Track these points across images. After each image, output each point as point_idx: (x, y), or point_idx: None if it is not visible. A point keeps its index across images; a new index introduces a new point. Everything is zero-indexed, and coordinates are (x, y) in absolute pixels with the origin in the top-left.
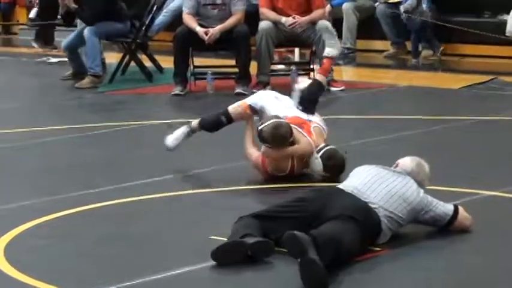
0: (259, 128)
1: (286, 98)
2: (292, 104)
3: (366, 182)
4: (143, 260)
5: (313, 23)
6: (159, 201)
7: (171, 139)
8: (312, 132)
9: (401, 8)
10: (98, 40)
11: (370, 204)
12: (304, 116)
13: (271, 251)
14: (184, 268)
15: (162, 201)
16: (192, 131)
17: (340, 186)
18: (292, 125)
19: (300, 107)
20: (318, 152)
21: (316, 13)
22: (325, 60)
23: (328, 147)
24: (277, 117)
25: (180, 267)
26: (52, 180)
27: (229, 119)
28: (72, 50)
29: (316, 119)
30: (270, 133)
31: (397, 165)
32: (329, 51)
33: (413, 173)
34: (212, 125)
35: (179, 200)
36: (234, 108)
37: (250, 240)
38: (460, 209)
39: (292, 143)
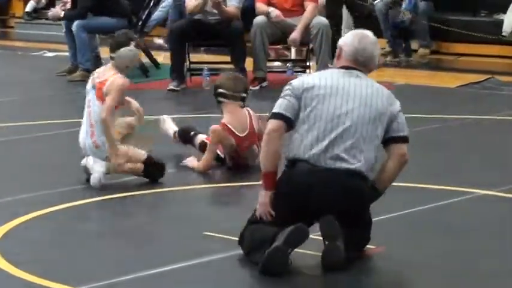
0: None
1: None
2: None
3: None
4: (137, 255)
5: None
6: (153, 196)
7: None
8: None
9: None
10: (86, 35)
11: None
12: None
13: (306, 236)
14: (179, 264)
15: (156, 196)
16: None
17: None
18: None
19: None
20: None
21: (306, 13)
22: None
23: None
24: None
25: (174, 263)
26: (46, 175)
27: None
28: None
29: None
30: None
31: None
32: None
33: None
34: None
35: (173, 196)
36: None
37: (282, 237)
38: None
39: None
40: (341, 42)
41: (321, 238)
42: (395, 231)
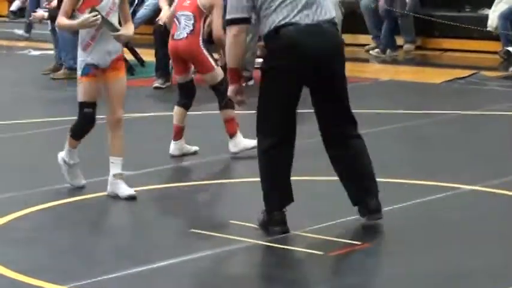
0: None
1: None
2: None
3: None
4: (125, 252)
5: None
6: (140, 193)
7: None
8: None
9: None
10: (69, 34)
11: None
12: None
13: None
14: (166, 261)
15: (142, 193)
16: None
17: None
18: None
19: None
20: None
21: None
22: None
23: None
24: None
25: (161, 260)
26: (33, 173)
27: None
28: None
29: None
30: None
31: None
32: None
33: None
34: None
35: (160, 193)
36: None
37: None
38: None
39: None
40: None
41: (309, 235)
42: (380, 227)
